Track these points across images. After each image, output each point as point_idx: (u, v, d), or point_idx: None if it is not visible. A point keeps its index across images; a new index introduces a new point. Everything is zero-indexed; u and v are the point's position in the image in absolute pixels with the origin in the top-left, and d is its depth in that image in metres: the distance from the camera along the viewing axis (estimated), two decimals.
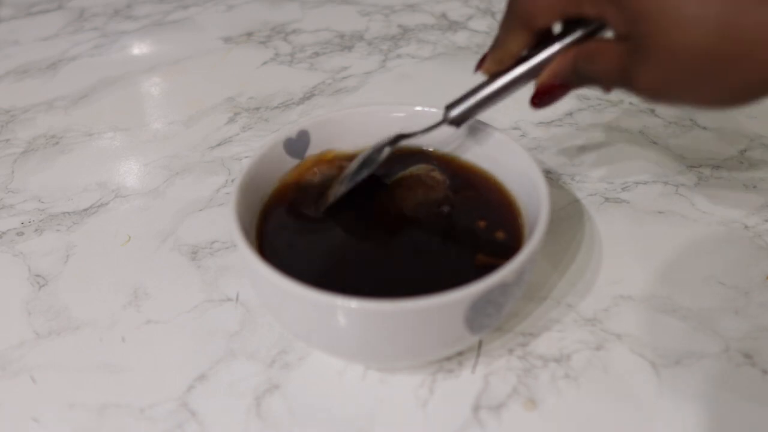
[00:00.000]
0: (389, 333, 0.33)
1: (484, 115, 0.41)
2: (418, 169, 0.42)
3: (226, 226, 0.46)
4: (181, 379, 0.37)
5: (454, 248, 0.38)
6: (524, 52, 0.36)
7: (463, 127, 0.42)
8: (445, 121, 0.39)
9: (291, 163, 0.42)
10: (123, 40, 0.69)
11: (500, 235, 0.38)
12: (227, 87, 0.61)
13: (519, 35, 0.35)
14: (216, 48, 0.68)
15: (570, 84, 0.36)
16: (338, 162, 0.43)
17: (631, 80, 0.31)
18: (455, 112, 0.39)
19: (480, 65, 0.38)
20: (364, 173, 0.39)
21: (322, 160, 0.43)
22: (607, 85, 0.34)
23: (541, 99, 0.37)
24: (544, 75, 0.36)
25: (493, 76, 0.38)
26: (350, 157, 0.43)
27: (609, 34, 0.33)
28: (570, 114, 0.56)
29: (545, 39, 0.36)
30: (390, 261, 0.37)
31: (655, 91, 0.31)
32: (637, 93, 0.32)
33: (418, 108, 0.43)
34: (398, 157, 0.42)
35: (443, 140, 0.43)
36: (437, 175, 0.41)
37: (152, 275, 0.43)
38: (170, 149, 0.54)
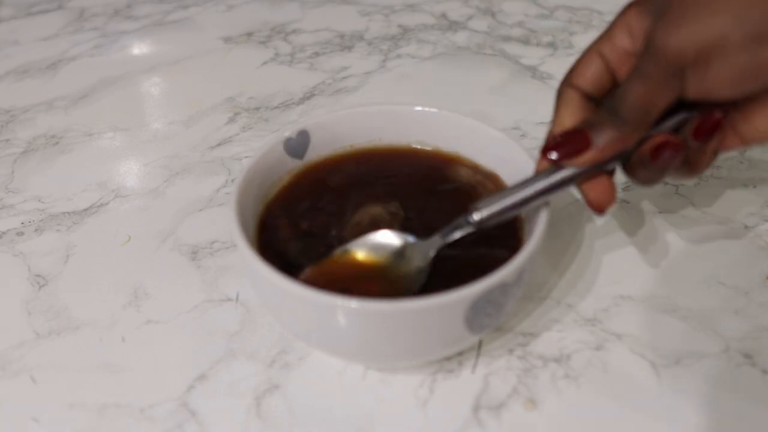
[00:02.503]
0: (389, 333, 0.33)
1: (484, 115, 0.41)
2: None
3: (226, 226, 0.46)
4: (181, 379, 0.37)
5: (454, 248, 0.38)
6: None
7: (464, 126, 0.42)
8: (469, 224, 0.36)
9: (291, 163, 0.42)
10: (123, 40, 0.69)
11: (500, 235, 0.38)
12: (227, 87, 0.61)
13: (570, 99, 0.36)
14: (216, 48, 0.68)
15: (593, 128, 0.34)
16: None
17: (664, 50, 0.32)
18: (484, 213, 0.35)
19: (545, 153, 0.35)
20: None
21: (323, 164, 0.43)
22: (645, 103, 0.33)
23: (554, 143, 0.35)
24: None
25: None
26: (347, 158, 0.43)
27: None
28: None
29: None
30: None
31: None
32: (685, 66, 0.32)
33: (418, 108, 0.43)
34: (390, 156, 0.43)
35: (444, 139, 0.43)
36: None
37: (152, 275, 0.43)
38: (170, 149, 0.54)
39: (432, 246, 0.36)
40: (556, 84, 0.55)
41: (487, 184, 0.41)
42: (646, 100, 0.33)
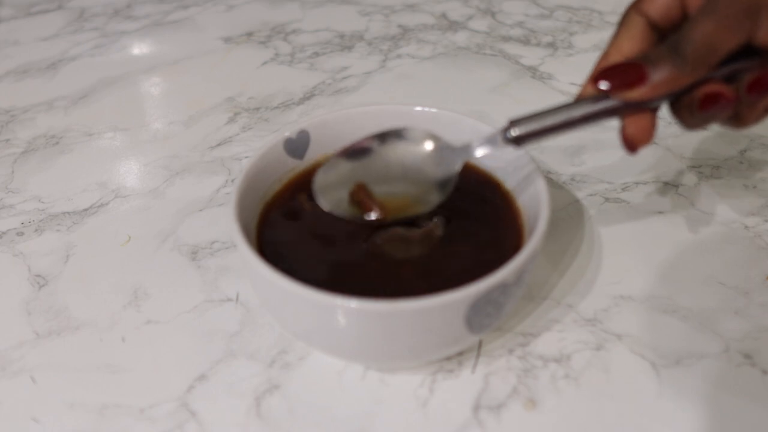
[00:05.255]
0: (389, 333, 0.33)
1: (484, 115, 0.41)
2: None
3: (226, 226, 0.46)
4: (181, 379, 0.37)
5: (454, 248, 0.38)
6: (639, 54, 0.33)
7: (464, 127, 0.42)
8: (507, 139, 0.35)
9: (291, 163, 0.42)
10: (123, 40, 0.69)
11: (500, 235, 0.38)
12: (227, 87, 0.61)
13: (633, 25, 0.34)
14: (216, 48, 0.68)
15: (651, 62, 0.32)
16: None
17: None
18: (522, 130, 0.34)
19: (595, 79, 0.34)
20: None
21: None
22: (712, 43, 0.32)
23: (605, 71, 0.33)
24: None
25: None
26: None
27: None
28: None
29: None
30: (390, 261, 0.37)
31: None
32: None
33: (418, 108, 0.43)
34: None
35: None
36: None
37: (152, 275, 0.43)
38: (170, 149, 0.54)
39: (465, 154, 0.36)
40: (556, 84, 0.55)
41: (485, 184, 0.41)
42: (712, 39, 0.31)
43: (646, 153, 0.51)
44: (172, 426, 0.35)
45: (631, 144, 0.35)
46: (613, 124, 0.56)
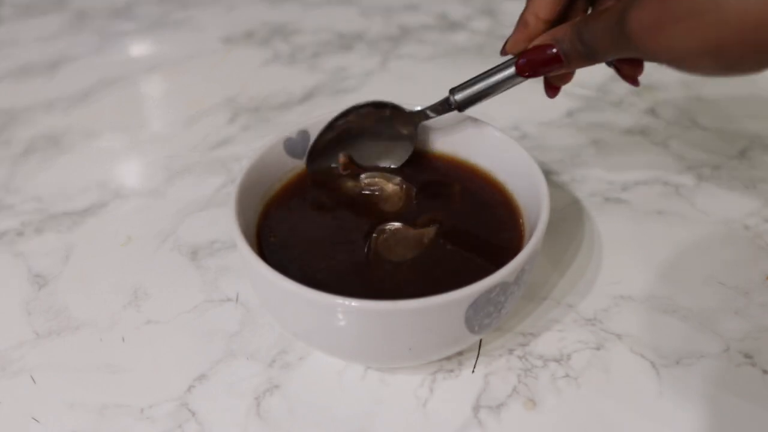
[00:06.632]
0: (389, 333, 0.33)
1: (484, 115, 0.42)
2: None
3: (226, 226, 0.46)
4: (181, 379, 0.37)
5: (454, 248, 0.38)
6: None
7: (464, 127, 0.42)
8: (450, 106, 0.39)
9: (291, 163, 0.42)
10: (123, 40, 0.69)
11: (500, 235, 0.38)
12: (227, 87, 0.61)
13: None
14: (216, 48, 0.68)
15: (566, 54, 0.34)
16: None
17: (624, 25, 0.30)
18: (459, 96, 0.39)
19: (504, 47, 0.38)
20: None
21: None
22: (602, 46, 0.32)
23: (528, 63, 0.36)
24: (541, 36, 0.35)
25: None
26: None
27: None
28: (570, 114, 0.56)
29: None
30: (390, 261, 0.37)
31: (648, 33, 0.29)
32: (631, 41, 0.30)
33: (418, 108, 0.43)
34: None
35: (444, 140, 0.43)
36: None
37: (152, 275, 0.43)
38: (170, 149, 0.54)
39: (417, 118, 0.41)
40: None
41: (486, 184, 0.41)
42: (599, 44, 0.32)
43: (646, 153, 0.51)
44: (172, 426, 0.35)
45: (552, 87, 0.39)
46: (612, 125, 0.56)
